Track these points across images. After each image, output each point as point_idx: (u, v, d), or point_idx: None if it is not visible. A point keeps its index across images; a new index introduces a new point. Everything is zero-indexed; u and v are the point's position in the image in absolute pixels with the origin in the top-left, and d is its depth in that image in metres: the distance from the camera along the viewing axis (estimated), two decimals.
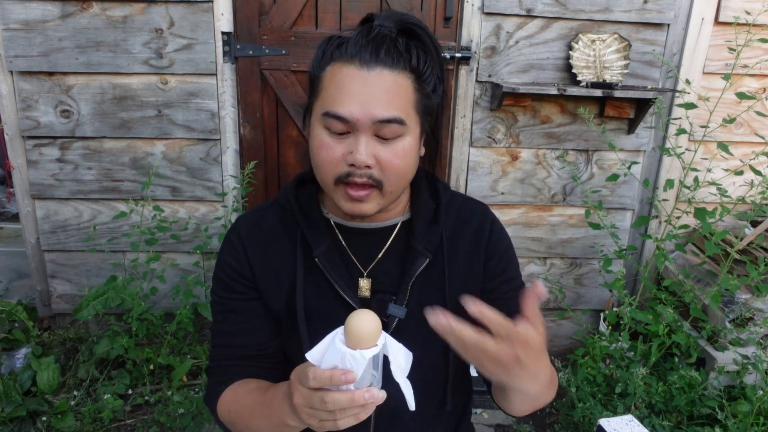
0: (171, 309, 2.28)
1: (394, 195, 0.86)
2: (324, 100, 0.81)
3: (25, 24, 2.06)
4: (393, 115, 0.79)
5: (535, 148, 2.37)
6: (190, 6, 2.09)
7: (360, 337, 0.64)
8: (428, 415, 0.97)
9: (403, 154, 0.82)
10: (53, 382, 2.12)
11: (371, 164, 0.80)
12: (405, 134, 0.82)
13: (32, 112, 2.16)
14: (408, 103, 0.82)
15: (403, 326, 0.89)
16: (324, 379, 0.64)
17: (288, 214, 0.95)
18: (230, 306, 0.95)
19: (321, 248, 0.89)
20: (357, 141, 0.80)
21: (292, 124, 2.31)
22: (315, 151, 0.83)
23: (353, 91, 0.78)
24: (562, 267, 2.55)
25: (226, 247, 0.96)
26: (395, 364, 0.67)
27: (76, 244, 2.34)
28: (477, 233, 0.96)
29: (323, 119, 0.81)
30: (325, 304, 0.90)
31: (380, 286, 0.92)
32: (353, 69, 0.79)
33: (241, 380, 0.93)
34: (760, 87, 2.37)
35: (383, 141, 0.81)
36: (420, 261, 0.90)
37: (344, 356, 0.64)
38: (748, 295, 2.11)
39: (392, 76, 0.79)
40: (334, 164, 0.81)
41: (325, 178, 0.83)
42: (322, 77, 0.83)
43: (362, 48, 0.79)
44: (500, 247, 0.97)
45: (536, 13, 2.18)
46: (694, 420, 1.98)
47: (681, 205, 2.18)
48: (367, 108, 0.78)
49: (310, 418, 0.69)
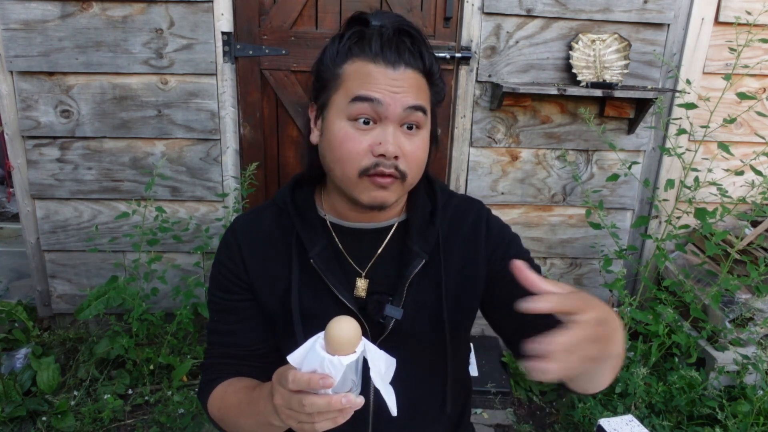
0: (171, 309, 2.28)
1: (411, 187, 0.89)
2: (349, 89, 0.82)
3: (25, 24, 2.06)
4: (420, 102, 0.83)
5: (535, 148, 2.37)
6: (190, 6, 2.09)
7: (339, 343, 0.66)
8: (427, 416, 0.97)
9: (423, 147, 0.86)
10: (53, 382, 2.12)
11: (399, 155, 0.82)
12: (424, 127, 0.86)
13: (32, 112, 2.16)
14: (427, 98, 0.86)
15: (400, 327, 0.89)
16: (302, 382, 0.65)
17: (284, 215, 0.95)
18: (225, 306, 0.96)
19: (316, 249, 0.89)
20: (385, 132, 0.81)
21: (292, 124, 2.31)
22: (338, 144, 0.83)
23: (383, 83, 0.81)
24: (562, 267, 2.55)
25: (222, 247, 0.97)
26: (375, 371, 0.68)
27: (76, 244, 2.34)
28: (473, 230, 0.96)
29: (350, 106, 0.81)
30: (320, 304, 0.90)
31: (377, 287, 0.92)
32: (379, 67, 0.81)
33: (231, 379, 0.94)
34: (760, 87, 2.36)
35: (407, 133, 0.83)
36: (416, 262, 0.90)
37: (323, 361, 0.65)
38: (749, 295, 2.11)
39: (414, 73, 0.83)
40: (361, 156, 0.82)
41: (349, 171, 0.83)
42: (341, 73, 0.84)
43: (384, 47, 0.82)
44: (503, 235, 0.97)
45: (536, 13, 2.18)
46: (694, 420, 1.98)
47: (681, 205, 2.18)
48: (398, 96, 0.81)
49: (289, 419, 0.70)
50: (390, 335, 0.89)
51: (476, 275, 0.95)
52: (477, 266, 0.95)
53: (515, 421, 2.15)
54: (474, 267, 0.95)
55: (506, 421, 2.15)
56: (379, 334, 0.90)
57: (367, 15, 0.86)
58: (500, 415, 2.18)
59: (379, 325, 0.89)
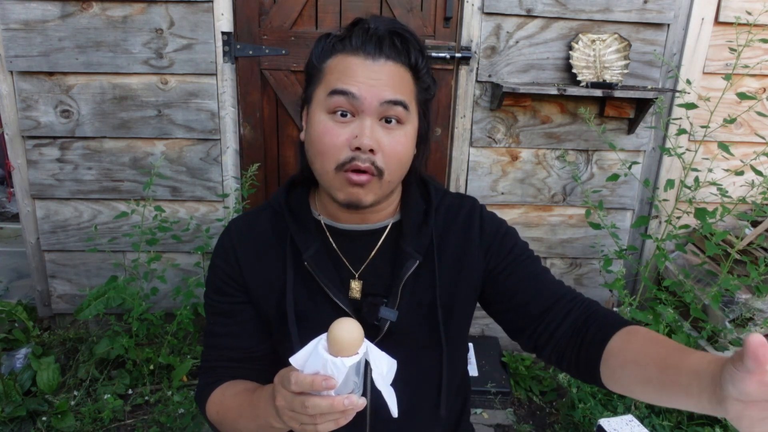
0: (171, 309, 2.28)
1: (391, 186, 0.87)
2: (329, 82, 0.82)
3: (25, 24, 2.06)
4: (399, 97, 0.82)
5: (535, 148, 2.37)
6: (190, 6, 2.09)
7: (342, 345, 0.66)
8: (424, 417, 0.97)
9: (404, 142, 0.84)
10: (53, 382, 2.12)
11: (375, 148, 0.81)
12: (406, 122, 0.84)
13: (32, 112, 2.16)
14: (410, 92, 0.85)
15: (395, 328, 0.89)
16: (305, 384, 0.65)
17: (279, 217, 0.95)
18: (221, 309, 0.96)
19: (310, 251, 0.89)
20: (362, 124, 0.81)
21: (292, 124, 2.31)
22: (317, 138, 0.83)
23: (360, 75, 0.81)
24: (562, 267, 2.55)
25: (218, 250, 0.96)
26: (377, 372, 0.69)
27: (76, 244, 2.34)
28: (466, 227, 0.95)
29: (327, 100, 0.81)
30: (315, 307, 0.90)
31: (371, 289, 0.92)
32: (359, 59, 0.81)
33: (229, 382, 0.94)
34: (760, 87, 2.36)
35: (386, 127, 0.82)
36: (410, 263, 0.90)
37: (326, 363, 0.65)
38: (749, 295, 2.11)
39: (395, 66, 0.83)
40: (337, 150, 0.81)
41: (326, 165, 0.83)
42: (323, 68, 0.84)
43: (366, 41, 0.82)
44: (497, 229, 0.96)
45: (536, 13, 2.18)
46: (694, 420, 1.98)
47: (681, 205, 2.18)
48: (374, 90, 0.80)
49: (291, 421, 0.70)
50: (385, 337, 0.89)
51: (471, 272, 0.94)
52: (472, 263, 0.94)
53: (515, 421, 2.15)
54: (469, 264, 0.94)
55: (506, 421, 2.15)
56: (374, 336, 0.89)
57: (365, 20, 0.85)
58: (500, 415, 2.18)
59: (374, 327, 0.89)
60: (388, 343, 0.88)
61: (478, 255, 0.94)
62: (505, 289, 0.93)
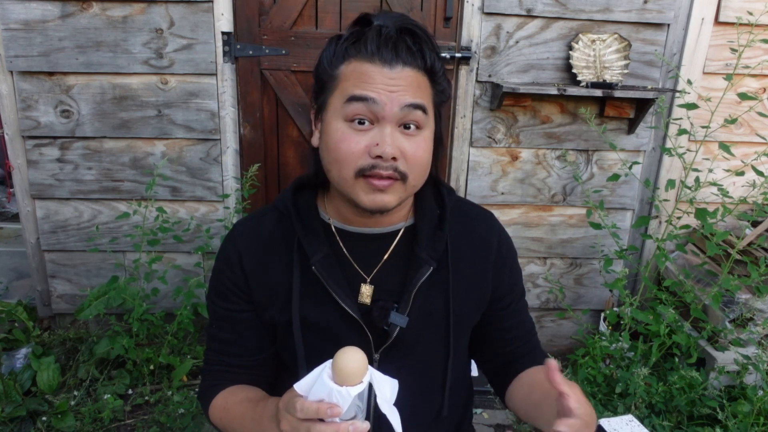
0: (171, 309, 2.28)
1: (415, 189, 0.86)
2: (345, 89, 0.81)
3: (25, 24, 2.06)
4: (419, 101, 0.80)
5: (535, 148, 2.37)
6: (190, 6, 2.09)
7: (347, 374, 0.66)
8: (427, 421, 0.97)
9: (425, 147, 0.84)
10: (53, 382, 2.12)
11: (398, 156, 0.80)
12: (425, 127, 0.83)
13: (32, 112, 2.16)
14: (428, 96, 0.84)
15: (404, 335, 0.88)
16: (311, 411, 0.66)
17: (286, 220, 0.92)
18: (224, 314, 0.95)
19: (318, 256, 0.87)
20: (382, 132, 0.79)
21: (292, 124, 2.31)
22: (334, 145, 0.81)
23: (379, 82, 0.79)
24: (562, 267, 2.55)
25: (222, 256, 0.95)
26: (381, 397, 0.69)
27: (76, 244, 2.34)
28: (484, 243, 0.95)
29: (345, 107, 0.80)
30: (322, 313, 0.88)
31: (382, 294, 0.90)
32: (376, 67, 0.80)
33: (232, 387, 0.94)
34: (760, 87, 2.36)
35: (406, 134, 0.81)
36: (424, 269, 0.88)
37: (331, 391, 0.66)
38: (749, 295, 2.10)
39: (412, 72, 0.81)
40: (357, 157, 0.80)
41: (345, 172, 0.81)
42: (338, 74, 0.82)
43: (381, 46, 0.80)
44: (510, 259, 0.99)
45: (536, 13, 2.18)
46: (695, 420, 1.98)
47: (682, 205, 2.18)
48: (394, 95, 0.79)
49: None
50: (393, 343, 0.88)
51: (483, 289, 0.95)
52: (485, 280, 0.94)
53: (515, 421, 2.15)
54: (482, 279, 0.94)
55: (506, 421, 2.15)
56: (382, 342, 0.88)
57: (370, 16, 0.83)
58: (500, 415, 2.18)
59: (382, 332, 0.88)
60: (396, 350, 0.88)
61: (490, 275, 0.95)
62: (492, 320, 0.99)
